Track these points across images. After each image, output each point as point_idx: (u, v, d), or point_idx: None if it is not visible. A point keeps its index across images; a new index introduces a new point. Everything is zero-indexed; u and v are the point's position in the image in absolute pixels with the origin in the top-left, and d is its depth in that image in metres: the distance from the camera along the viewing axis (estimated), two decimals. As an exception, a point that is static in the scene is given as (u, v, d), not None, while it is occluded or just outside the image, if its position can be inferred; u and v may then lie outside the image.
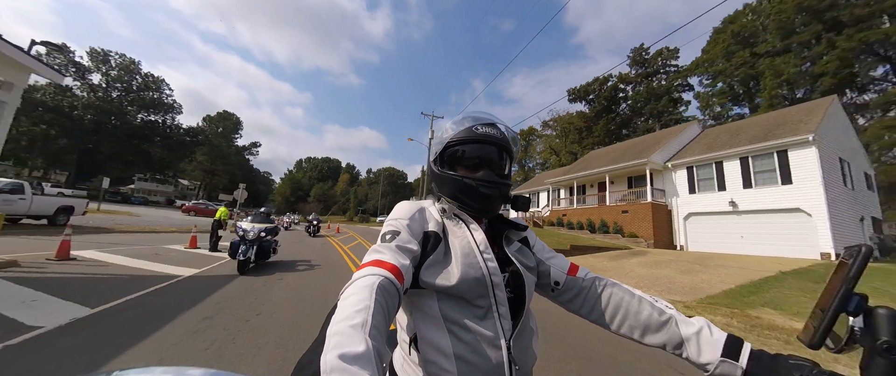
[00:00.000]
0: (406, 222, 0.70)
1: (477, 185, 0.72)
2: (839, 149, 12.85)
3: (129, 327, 2.95)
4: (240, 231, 6.02)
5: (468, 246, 0.69)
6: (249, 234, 5.85)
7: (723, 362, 0.58)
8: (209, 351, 2.57)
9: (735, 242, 12.96)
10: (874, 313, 0.46)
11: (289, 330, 3.13)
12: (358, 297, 0.47)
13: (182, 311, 3.46)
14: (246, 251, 5.63)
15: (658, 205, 15.34)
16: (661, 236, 14.78)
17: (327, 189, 78.22)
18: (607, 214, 17.00)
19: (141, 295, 3.94)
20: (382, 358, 0.41)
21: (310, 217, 16.81)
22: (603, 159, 21.40)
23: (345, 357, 0.37)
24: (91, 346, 2.53)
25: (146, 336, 2.78)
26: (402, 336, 0.72)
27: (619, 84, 44.56)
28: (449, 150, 0.77)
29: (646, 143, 19.77)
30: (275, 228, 6.58)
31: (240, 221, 6.47)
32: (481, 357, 0.62)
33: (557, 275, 0.79)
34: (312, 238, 14.87)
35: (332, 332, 0.41)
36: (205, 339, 2.79)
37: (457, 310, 0.65)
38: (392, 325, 0.60)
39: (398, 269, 0.57)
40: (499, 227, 0.79)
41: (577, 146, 45.03)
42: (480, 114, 0.79)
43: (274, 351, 2.66)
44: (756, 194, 12.66)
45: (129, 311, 3.37)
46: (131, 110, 42.87)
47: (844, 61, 20.79)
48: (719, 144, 14.86)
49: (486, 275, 0.65)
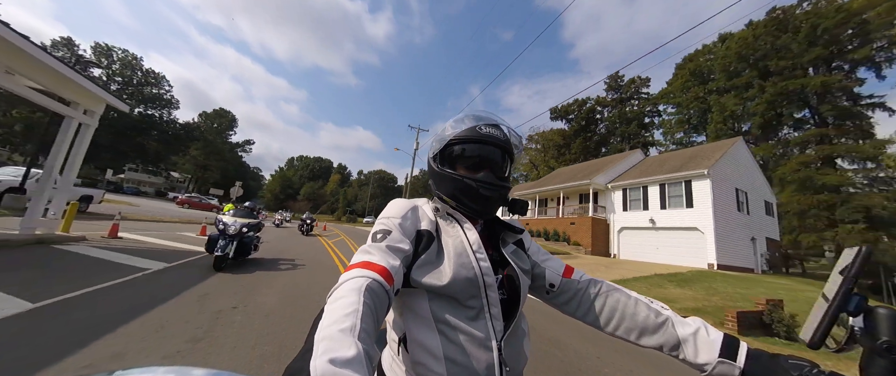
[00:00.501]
0: (398, 221, 0.69)
1: (477, 187, 0.71)
2: (738, 181, 15.84)
3: (199, 271, 5.24)
4: (220, 224, 5.75)
5: (461, 245, 0.68)
6: (230, 229, 5.60)
7: (720, 362, 0.58)
8: (238, 286, 4.91)
9: (652, 252, 15.75)
10: (874, 313, 0.46)
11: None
12: (346, 301, 0.47)
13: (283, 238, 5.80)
14: (225, 246, 5.43)
15: (598, 219, 18.10)
16: (598, 245, 17.51)
17: (317, 188, 79.71)
18: (560, 225, 19.70)
19: (191, 260, 6.22)
20: (372, 361, 0.41)
21: (303, 216, 16.79)
22: (561, 177, 24.37)
23: (335, 361, 0.36)
24: (188, 276, 4.81)
25: (210, 274, 5.09)
26: (391, 335, 0.72)
27: (596, 106, 48.12)
28: (450, 148, 0.75)
29: (596, 166, 22.76)
30: (258, 224, 6.35)
31: (220, 215, 6.15)
32: (471, 358, 0.61)
33: (553, 278, 0.78)
34: (305, 236, 14.82)
35: (321, 337, 0.41)
36: (236, 278, 5.11)
37: (448, 311, 0.64)
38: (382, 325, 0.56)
39: (387, 271, 0.56)
40: (495, 228, 0.78)
41: (555, 161, 48.12)
42: (484, 113, 0.77)
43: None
44: (670, 214, 15.52)
45: (191, 266, 5.64)
46: (130, 103, 44.15)
47: (771, 104, 24.26)
48: (649, 171, 17.78)
49: (478, 275, 0.65)
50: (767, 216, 17.62)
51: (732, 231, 14.58)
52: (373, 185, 68.72)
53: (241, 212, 6.26)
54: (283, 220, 20.67)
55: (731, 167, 15.75)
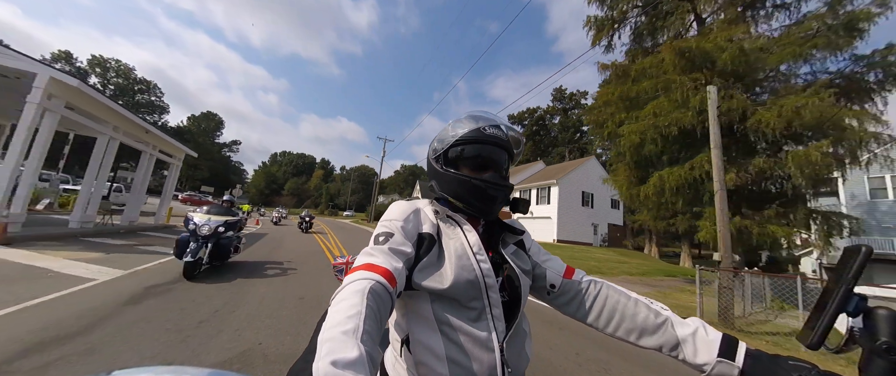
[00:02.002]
0: (400, 224, 0.69)
1: (485, 187, 0.72)
2: (586, 185, 23.88)
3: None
4: (190, 224, 4.83)
5: (462, 248, 0.68)
6: (203, 229, 4.76)
7: (719, 362, 0.58)
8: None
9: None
10: (873, 313, 0.46)
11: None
12: (349, 303, 0.48)
13: (288, 235, 12.37)
14: (197, 250, 4.60)
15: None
16: (501, 230, 25.47)
17: (302, 184, 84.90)
18: (480, 216, 27.58)
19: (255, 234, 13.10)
20: (375, 362, 0.41)
21: (303, 213, 17.15)
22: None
23: (337, 363, 0.37)
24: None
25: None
26: (393, 336, 0.73)
27: (545, 115, 56.21)
28: (454, 149, 0.76)
29: (516, 170, 30.61)
30: (237, 222, 5.54)
31: (191, 212, 5.22)
32: (474, 359, 0.62)
33: (553, 278, 0.79)
34: (304, 234, 14.93)
35: (324, 339, 0.41)
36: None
37: (450, 312, 0.64)
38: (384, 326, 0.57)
39: (390, 273, 0.57)
40: (495, 230, 0.79)
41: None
42: (485, 114, 0.79)
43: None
44: (540, 208, 23.47)
45: (261, 238, 12.44)
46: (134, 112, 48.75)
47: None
48: (536, 178, 25.68)
49: (479, 277, 0.65)
50: (613, 209, 25.94)
51: (574, 218, 22.65)
52: (354, 181, 74.86)
53: (216, 209, 5.40)
54: (281, 217, 21.07)
55: (582, 176, 23.75)
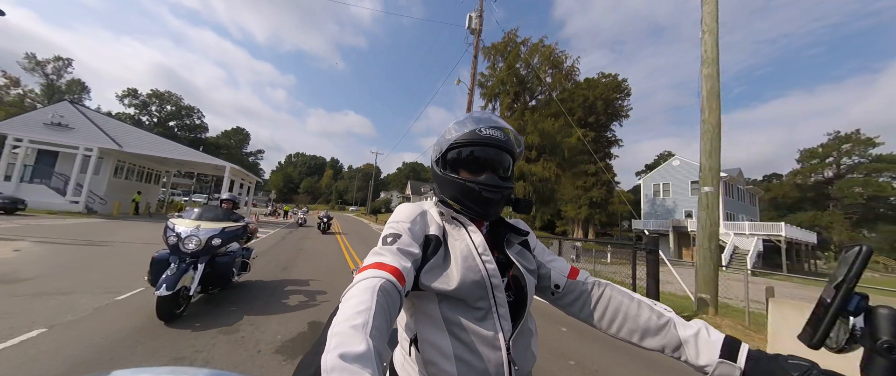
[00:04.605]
0: (407, 225, 0.70)
1: (480, 190, 0.72)
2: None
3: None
4: (171, 235, 3.29)
5: (467, 249, 0.69)
6: (189, 243, 3.23)
7: (721, 363, 0.59)
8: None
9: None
10: (875, 313, 0.46)
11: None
12: (359, 299, 0.49)
13: (307, 238, 18.02)
14: (177, 276, 2.98)
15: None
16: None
17: (314, 183, 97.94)
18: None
19: (292, 225, 24.50)
20: (383, 358, 0.42)
21: (321, 214, 16.67)
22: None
23: (345, 356, 0.38)
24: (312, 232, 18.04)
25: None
26: (402, 336, 0.75)
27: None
28: (451, 152, 0.77)
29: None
30: (240, 230, 3.94)
31: (172, 218, 3.59)
32: (481, 358, 0.63)
33: (558, 279, 0.80)
34: (323, 235, 14.85)
35: (333, 333, 0.42)
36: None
37: (457, 312, 0.66)
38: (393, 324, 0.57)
39: (400, 271, 0.58)
40: (500, 230, 0.79)
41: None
42: (484, 115, 0.79)
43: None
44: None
45: (302, 228, 22.35)
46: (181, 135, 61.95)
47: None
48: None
49: (485, 277, 0.67)
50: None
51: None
52: (358, 179, 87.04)
53: (210, 213, 3.86)
54: (305, 219, 19.23)
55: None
